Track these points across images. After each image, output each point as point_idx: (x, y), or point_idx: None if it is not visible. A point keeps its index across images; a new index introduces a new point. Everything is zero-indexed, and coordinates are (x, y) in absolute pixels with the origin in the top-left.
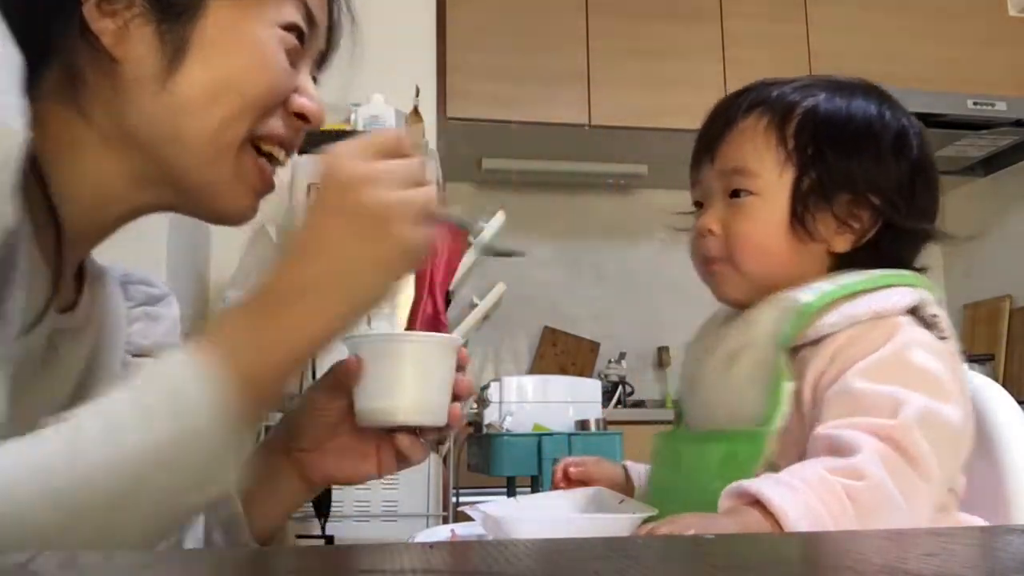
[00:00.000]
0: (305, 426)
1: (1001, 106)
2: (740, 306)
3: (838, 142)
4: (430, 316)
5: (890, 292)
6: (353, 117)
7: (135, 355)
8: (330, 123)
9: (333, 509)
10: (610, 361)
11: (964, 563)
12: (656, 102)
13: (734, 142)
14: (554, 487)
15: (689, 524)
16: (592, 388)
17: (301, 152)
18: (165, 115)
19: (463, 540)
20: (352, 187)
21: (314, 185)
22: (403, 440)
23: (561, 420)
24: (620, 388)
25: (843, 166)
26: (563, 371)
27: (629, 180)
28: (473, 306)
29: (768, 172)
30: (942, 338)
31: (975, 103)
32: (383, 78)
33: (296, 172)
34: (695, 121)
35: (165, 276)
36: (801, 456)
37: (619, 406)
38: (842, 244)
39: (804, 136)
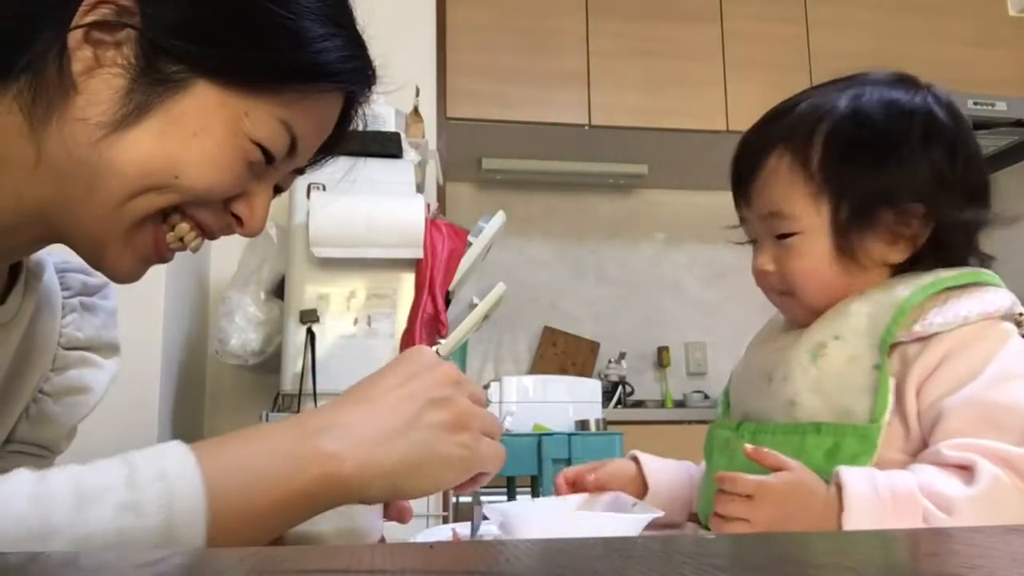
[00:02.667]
0: None
1: (1001, 106)
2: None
3: (864, 160)
4: (430, 316)
5: (987, 292)
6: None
7: (68, 348)
8: None
9: None
10: (610, 361)
11: (964, 563)
12: (656, 102)
13: (763, 187)
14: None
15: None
16: (592, 388)
17: (312, 164)
18: (93, 163)
19: (463, 540)
20: (448, 377)
21: (393, 360)
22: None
23: (561, 420)
24: (620, 388)
25: (876, 183)
26: (563, 371)
27: (629, 180)
28: (473, 306)
29: (803, 211)
30: None
31: (975, 103)
32: (383, 78)
33: None
34: (695, 121)
35: (165, 276)
36: (897, 451)
37: (619, 406)
38: (898, 255)
39: (828, 167)
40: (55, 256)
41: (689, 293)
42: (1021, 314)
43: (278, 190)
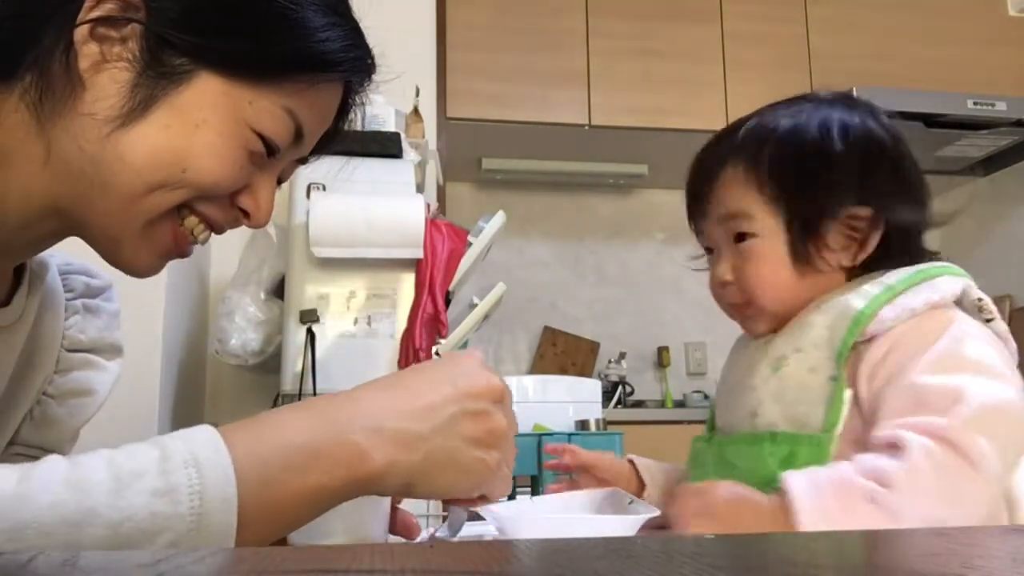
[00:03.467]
0: None
1: (1001, 106)
2: (770, 334)
3: (809, 171)
4: (430, 316)
5: (937, 282)
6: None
7: (71, 350)
8: None
9: None
10: (610, 361)
11: (964, 563)
12: (656, 102)
13: (722, 191)
14: (553, 469)
15: (718, 495)
16: (592, 388)
17: (313, 153)
18: (103, 158)
19: (463, 540)
20: (495, 388)
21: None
22: None
23: (561, 420)
24: (620, 388)
25: (823, 191)
26: (563, 371)
27: (629, 180)
28: (473, 306)
29: (760, 214)
30: (989, 319)
31: (975, 103)
32: (383, 78)
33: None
34: (695, 121)
35: (165, 276)
36: (861, 452)
37: (619, 406)
38: (849, 259)
39: (777, 177)
40: (57, 258)
41: (689, 293)
42: (980, 299)
43: (279, 180)
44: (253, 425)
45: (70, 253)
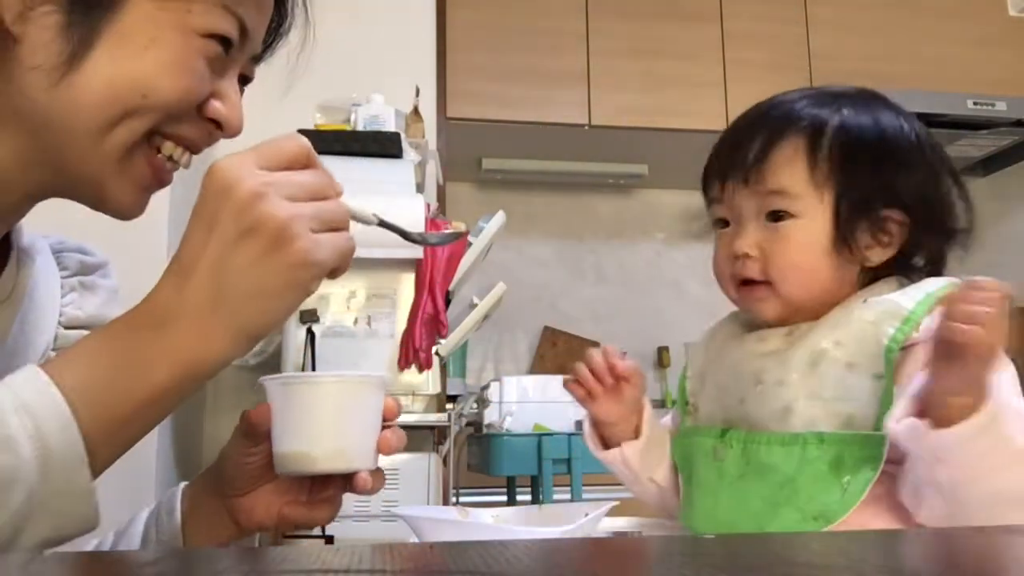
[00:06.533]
0: (229, 470)
1: (1001, 106)
2: (775, 323)
3: (871, 158)
4: (430, 316)
5: None
6: (353, 117)
7: (68, 327)
8: (330, 123)
9: None
10: None
11: (964, 563)
12: (656, 102)
13: (771, 164)
14: (596, 375)
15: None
16: None
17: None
18: (57, 107)
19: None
20: (244, 200)
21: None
22: (358, 484)
23: (561, 420)
24: None
25: (878, 182)
26: (563, 371)
27: (629, 180)
28: (473, 306)
29: (808, 194)
30: None
31: (975, 103)
32: (383, 78)
33: None
34: (695, 121)
35: None
36: (897, 453)
37: None
38: (877, 257)
39: (839, 156)
40: (51, 238)
41: (689, 293)
42: None
43: (245, 81)
44: (69, 357)
45: (63, 232)
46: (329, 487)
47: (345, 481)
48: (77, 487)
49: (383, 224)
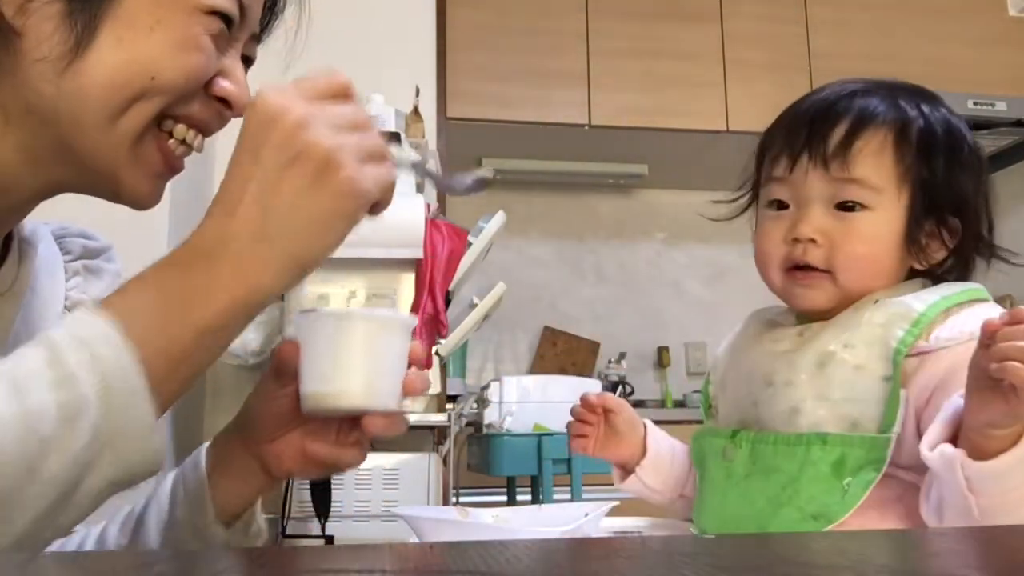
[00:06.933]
0: (257, 416)
1: (1001, 106)
2: (817, 315)
3: (949, 159)
4: (430, 316)
5: (982, 307)
6: None
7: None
8: None
9: (333, 509)
10: (610, 361)
11: (964, 563)
12: (656, 102)
13: (858, 153)
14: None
15: None
16: (592, 388)
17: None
18: (65, 98)
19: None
20: (289, 129)
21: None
22: (371, 424)
23: (561, 420)
24: (620, 388)
25: (954, 183)
26: (563, 371)
27: (629, 180)
28: (473, 306)
29: (889, 188)
30: None
31: (975, 103)
32: (383, 78)
33: None
34: (695, 121)
35: None
36: (907, 458)
37: None
38: (935, 257)
39: (924, 155)
40: (52, 224)
41: (689, 293)
42: None
43: (248, 62)
44: (116, 298)
45: (63, 217)
46: (356, 431)
47: (378, 425)
48: (141, 423)
49: (417, 167)
